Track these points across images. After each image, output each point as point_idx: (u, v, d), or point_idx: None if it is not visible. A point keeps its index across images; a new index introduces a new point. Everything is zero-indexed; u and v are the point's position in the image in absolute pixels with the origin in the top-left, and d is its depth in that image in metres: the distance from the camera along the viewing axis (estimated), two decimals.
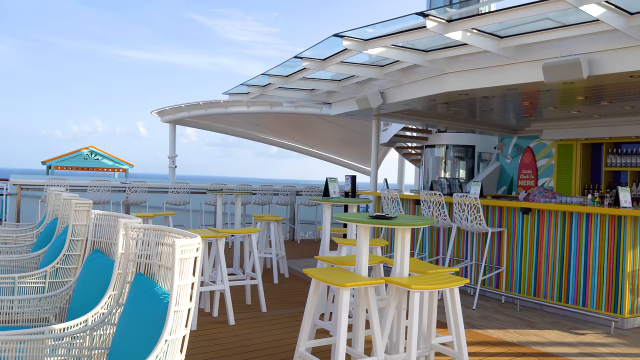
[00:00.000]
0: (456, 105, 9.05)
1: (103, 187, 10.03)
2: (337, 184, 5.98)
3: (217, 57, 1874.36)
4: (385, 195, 7.59)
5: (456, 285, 3.42)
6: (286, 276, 7.80)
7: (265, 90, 9.30)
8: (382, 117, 10.43)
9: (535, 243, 6.38)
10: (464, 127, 12.18)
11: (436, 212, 6.88)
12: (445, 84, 7.13)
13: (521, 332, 5.38)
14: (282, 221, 7.66)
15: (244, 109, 19.68)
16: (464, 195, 6.48)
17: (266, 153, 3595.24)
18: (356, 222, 3.43)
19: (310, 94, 9.72)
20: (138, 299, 2.38)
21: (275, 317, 5.51)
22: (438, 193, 6.77)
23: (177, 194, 10.63)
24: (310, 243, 12.09)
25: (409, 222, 3.42)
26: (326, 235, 5.65)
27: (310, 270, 3.58)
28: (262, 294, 5.73)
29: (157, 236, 2.55)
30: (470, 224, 6.46)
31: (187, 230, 5.45)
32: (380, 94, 8.27)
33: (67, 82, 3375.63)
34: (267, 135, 24.10)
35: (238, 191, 7.67)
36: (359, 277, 3.47)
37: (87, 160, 22.87)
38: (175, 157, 21.88)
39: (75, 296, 3.16)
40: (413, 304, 3.25)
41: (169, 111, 21.54)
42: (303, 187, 12.46)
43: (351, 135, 21.72)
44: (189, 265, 2.25)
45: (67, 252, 3.95)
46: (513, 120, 11.55)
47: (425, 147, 15.59)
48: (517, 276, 6.56)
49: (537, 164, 12.68)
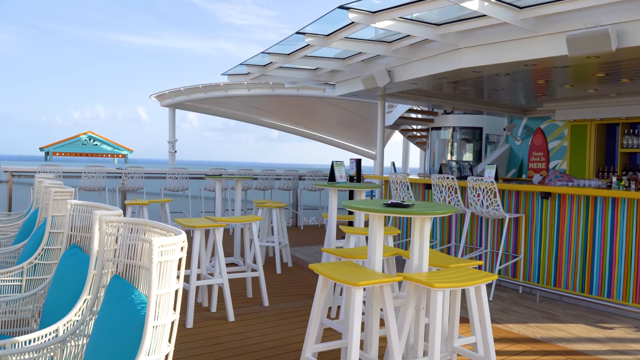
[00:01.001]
0: (466, 84, 8.59)
1: (98, 174, 9.61)
2: (343, 168, 5.56)
3: (218, 41, 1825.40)
4: (394, 179, 7.17)
5: (484, 282, 3.01)
6: (289, 265, 7.41)
7: (265, 70, 8.84)
8: (388, 97, 9.97)
9: (555, 229, 5.97)
10: (472, 108, 11.71)
11: (449, 197, 6.46)
12: (457, 61, 6.67)
13: (543, 326, 4.99)
14: (284, 207, 7.26)
15: (245, 91, 19.23)
16: (479, 179, 6.06)
17: (267, 137, 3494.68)
18: (369, 211, 3.01)
19: (313, 74, 9.26)
20: (113, 308, 1.97)
21: (279, 312, 5.11)
22: (451, 177, 6.34)
23: (175, 179, 10.21)
24: (314, 229, 11.70)
25: (430, 210, 3.01)
26: (332, 224, 5.24)
27: (317, 266, 3.18)
28: (264, 287, 5.34)
29: (137, 232, 2.13)
30: (486, 209, 6.04)
31: (182, 220, 4.91)
32: (388, 72, 7.81)
33: (68, 68, 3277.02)
34: (268, 118, 23.65)
35: (238, 176, 7.26)
36: (372, 273, 3.06)
37: (85, 146, 22.42)
38: (175, 142, 21.46)
39: (49, 299, 2.76)
40: (435, 304, 2.85)
41: (168, 95, 21.08)
42: (306, 172, 12.04)
43: (354, 118, 21.27)
44: (170, 269, 1.83)
45: (46, 246, 3.54)
46: (523, 101, 11.09)
47: (431, 130, 15.15)
48: (535, 265, 6.16)
49: (549, 145, 12.23)
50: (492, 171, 6.71)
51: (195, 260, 4.64)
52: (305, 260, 7.82)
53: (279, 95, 18.83)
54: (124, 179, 10.05)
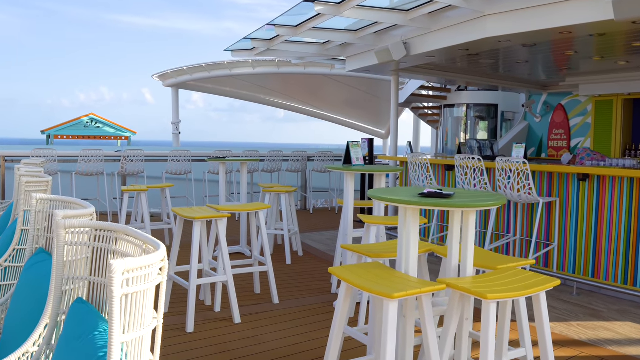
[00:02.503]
0: (487, 57, 7.96)
1: (95, 157, 9.08)
2: (360, 149, 4.99)
3: (222, 21, 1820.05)
4: (412, 160, 6.59)
5: (545, 289, 2.46)
6: (300, 254, 6.88)
7: (271, 45, 8.23)
8: (402, 72, 9.35)
9: (594, 215, 5.39)
10: (488, 83, 11.06)
11: (474, 180, 5.88)
12: (482, 30, 6.05)
13: (586, 325, 4.44)
14: (293, 192, 6.71)
15: (250, 70, 18.62)
16: (510, 160, 5.48)
17: (274, 117, 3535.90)
18: (403, 204, 2.45)
19: (322, 48, 8.65)
20: (69, 350, 1.43)
21: (290, 311, 4.58)
22: (477, 157, 5.76)
23: (177, 162, 9.67)
24: (324, 212, 11.16)
25: (476, 201, 2.45)
26: (349, 212, 4.68)
27: (339, 270, 2.63)
28: (274, 282, 4.80)
29: (106, 241, 1.59)
30: (517, 193, 5.47)
31: (181, 210, 4.20)
32: (404, 44, 7.19)
33: (72, 50, 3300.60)
34: (274, 98, 23.03)
35: (244, 158, 6.71)
36: (406, 279, 2.51)
37: (87, 128, 21.89)
38: (178, 123, 20.90)
39: (9, 317, 2.23)
40: (489, 318, 2.30)
41: (170, 75, 20.48)
42: (315, 152, 11.45)
43: (362, 96, 20.64)
44: (143, 302, 1.28)
45: (17, 245, 3.01)
46: (543, 76, 10.43)
47: (443, 107, 14.53)
48: (571, 254, 5.60)
49: (570, 122, 11.59)
50: (521, 150, 6.13)
51: (195, 256, 4.11)
52: (316, 248, 7.29)
53: (285, 73, 18.21)
54: (123, 163, 9.52)
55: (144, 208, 6.43)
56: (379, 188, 2.94)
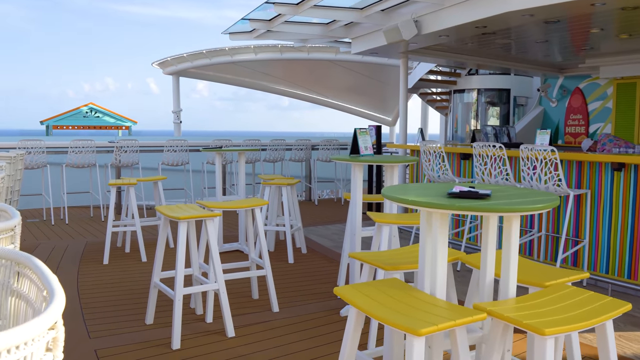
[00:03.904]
0: (506, 35, 7.35)
1: (86, 148, 8.55)
2: (369, 137, 4.43)
3: (224, 10, 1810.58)
4: (426, 149, 6.02)
5: (612, 317, 1.91)
6: (303, 252, 6.35)
7: (271, 25, 7.65)
8: (411, 54, 8.75)
9: (631, 208, 4.82)
10: (502, 66, 10.43)
11: (495, 170, 5.32)
12: (504, 3, 5.46)
13: (630, 336, 3.89)
14: (296, 184, 6.16)
15: (252, 56, 18.02)
16: (536, 148, 4.90)
17: (278, 106, 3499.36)
18: (430, 207, 1.90)
19: (326, 29, 8.06)
20: None
21: (291, 322, 4.05)
22: (499, 145, 5.19)
23: (173, 152, 9.13)
24: (329, 204, 10.62)
25: (524, 203, 1.89)
26: (357, 209, 4.13)
27: (346, 291, 2.09)
28: (273, 289, 4.26)
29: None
30: (545, 184, 4.90)
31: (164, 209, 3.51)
32: (414, 22, 6.60)
33: (78, 40, 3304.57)
34: (277, 85, 22.44)
35: (241, 148, 6.16)
36: (433, 304, 1.96)
37: (87, 118, 21.34)
38: (179, 112, 20.33)
39: None
40: (545, 355, 1.76)
41: (170, 62, 19.90)
42: (319, 140, 10.88)
43: (368, 82, 20.04)
44: None
45: None
46: (560, 57, 9.79)
47: (453, 92, 13.94)
48: (604, 252, 5.04)
49: (588, 107, 10.97)
50: (546, 137, 5.55)
51: (181, 261, 3.58)
52: (321, 244, 6.75)
53: (288, 59, 17.63)
54: (117, 154, 8.99)
55: (133, 203, 5.90)
56: (394, 186, 2.39)
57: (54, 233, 7.41)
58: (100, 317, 4.06)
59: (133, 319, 4.01)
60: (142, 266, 5.65)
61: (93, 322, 3.95)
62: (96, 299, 4.48)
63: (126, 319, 4.03)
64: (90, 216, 8.89)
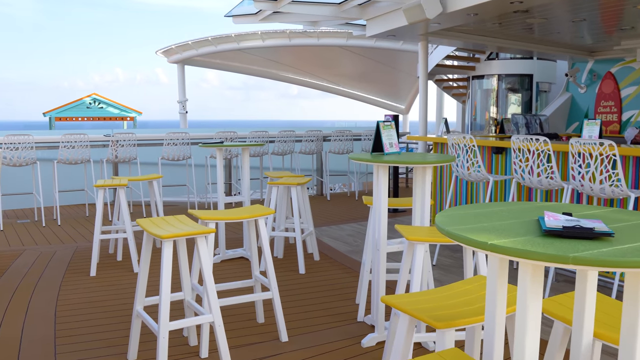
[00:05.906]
0: (542, 13, 6.58)
1: (79, 143, 7.89)
2: (394, 132, 3.71)
3: None
4: (455, 141, 5.27)
5: None
6: (316, 259, 5.66)
7: (277, 6, 6.92)
8: (432, 37, 7.99)
9: None
10: (526, 49, 9.62)
11: (537, 168, 4.58)
12: None
13: None
14: (306, 183, 5.46)
15: (259, 42, 17.30)
16: (589, 142, 4.16)
17: (287, 94, 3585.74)
18: (526, 259, 1.19)
19: (338, 9, 7.32)
20: None
21: (302, 355, 3.36)
22: (543, 139, 4.45)
23: (173, 146, 8.45)
24: (342, 199, 9.90)
25: None
26: (381, 219, 3.41)
27: None
28: (281, 314, 3.57)
29: None
30: (600, 185, 4.16)
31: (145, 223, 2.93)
32: None
33: (87, 31, 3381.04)
34: (286, 72, 21.70)
35: (244, 143, 5.47)
36: None
37: (90, 109, 20.72)
38: (185, 102, 19.67)
39: None
40: None
41: (175, 50, 19.23)
42: (331, 131, 10.15)
43: (380, 68, 19.26)
44: None
45: None
46: (591, 40, 8.99)
47: (471, 79, 13.15)
48: None
49: (621, 93, 10.16)
50: (596, 128, 4.80)
51: (165, 287, 2.89)
52: (336, 249, 6.06)
53: (297, 45, 16.89)
54: (113, 148, 8.33)
55: (123, 206, 5.23)
56: (448, 212, 1.67)
57: (42, 236, 6.77)
58: (76, 349, 3.39)
59: (113, 353, 3.34)
60: (133, 278, 4.99)
61: (65, 356, 3.28)
62: (74, 324, 3.82)
63: (105, 352, 3.35)
64: (86, 216, 8.24)
